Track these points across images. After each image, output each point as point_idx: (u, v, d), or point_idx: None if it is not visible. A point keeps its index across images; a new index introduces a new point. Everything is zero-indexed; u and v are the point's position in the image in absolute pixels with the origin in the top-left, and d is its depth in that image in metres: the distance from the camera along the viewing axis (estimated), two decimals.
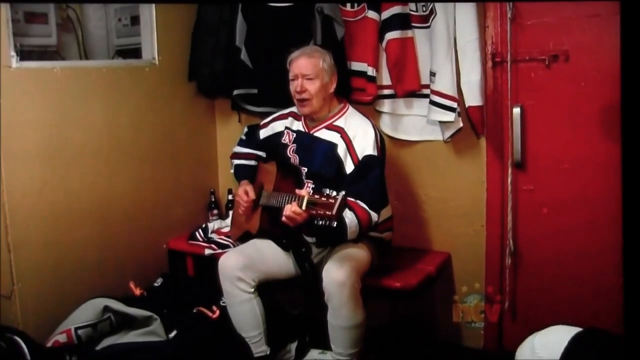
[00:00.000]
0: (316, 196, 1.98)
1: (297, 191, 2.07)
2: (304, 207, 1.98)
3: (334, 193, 1.95)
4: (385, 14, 2.67)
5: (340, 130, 2.38)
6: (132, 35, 3.09)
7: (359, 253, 2.37)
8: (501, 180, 2.63)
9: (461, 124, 2.59)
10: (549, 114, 2.52)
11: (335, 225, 1.97)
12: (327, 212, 1.94)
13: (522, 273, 2.67)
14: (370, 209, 2.23)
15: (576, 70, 2.42)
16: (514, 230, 2.61)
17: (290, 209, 2.05)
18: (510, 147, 2.56)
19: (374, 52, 2.70)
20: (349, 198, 2.10)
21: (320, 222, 1.98)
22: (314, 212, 1.97)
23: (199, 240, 3.02)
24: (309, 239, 2.47)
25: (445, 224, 2.78)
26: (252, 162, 2.69)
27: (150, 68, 2.95)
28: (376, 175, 2.29)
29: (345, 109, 2.45)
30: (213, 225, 3.13)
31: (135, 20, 3.05)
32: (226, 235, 2.98)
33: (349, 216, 2.15)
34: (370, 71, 2.70)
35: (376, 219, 2.26)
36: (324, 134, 2.42)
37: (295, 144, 2.50)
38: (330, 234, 2.11)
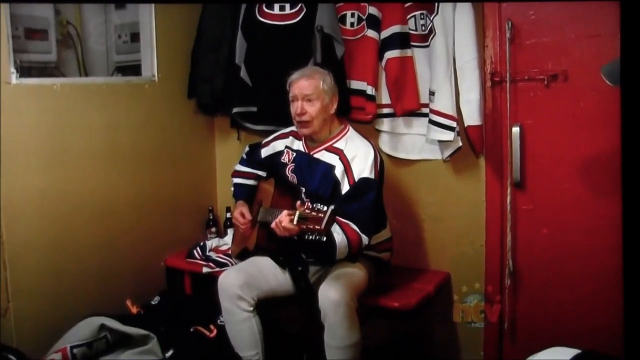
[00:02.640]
0: (307, 211, 1.98)
1: (297, 204, 2.07)
2: (295, 222, 1.99)
3: (324, 207, 1.95)
4: (385, 33, 2.68)
5: (339, 152, 2.37)
6: (132, 52, 3.08)
7: (356, 272, 2.35)
8: (501, 200, 2.63)
9: (460, 143, 2.59)
10: (548, 134, 2.52)
11: (324, 239, 1.98)
12: (317, 227, 1.94)
13: (521, 293, 2.65)
14: (361, 231, 2.22)
15: (575, 89, 2.43)
16: (513, 250, 2.60)
17: (280, 223, 2.06)
18: (509, 167, 2.56)
19: (373, 70, 2.71)
20: (340, 219, 2.11)
21: (310, 237, 1.99)
22: (304, 226, 1.97)
23: (196, 258, 3.00)
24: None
25: (444, 244, 2.77)
26: (251, 182, 2.69)
27: (149, 85, 2.95)
28: (370, 199, 2.27)
29: (346, 130, 2.44)
30: (211, 243, 3.12)
31: (135, 36, 3.05)
32: (224, 253, 2.97)
33: (338, 236, 2.15)
34: (370, 90, 2.71)
35: (367, 242, 2.25)
36: (323, 155, 2.42)
37: (294, 164, 2.50)
38: (319, 250, 2.11)
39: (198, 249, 3.06)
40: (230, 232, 3.02)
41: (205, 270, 2.87)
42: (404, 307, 2.47)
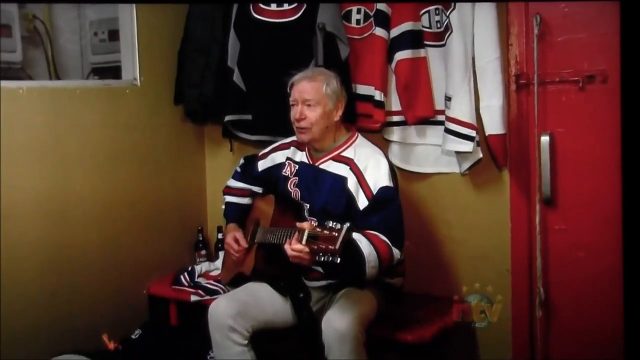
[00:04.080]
0: (318, 229, 1.89)
1: (299, 224, 1.98)
2: (304, 242, 1.90)
3: (338, 225, 1.86)
4: (395, 31, 2.59)
5: (349, 162, 2.29)
6: (111, 52, 3.00)
7: (364, 300, 2.26)
8: (528, 219, 2.52)
9: (481, 155, 2.50)
10: (583, 143, 2.42)
11: (338, 261, 1.87)
12: (330, 247, 1.85)
13: (555, 326, 2.53)
14: (392, 243, 2.12)
15: (616, 92, 2.24)
16: (544, 277, 2.48)
17: (291, 248, 1.97)
18: (537, 181, 2.45)
19: (382, 74, 2.63)
20: (366, 230, 2.07)
21: (322, 258, 1.88)
22: (315, 246, 1.88)
23: (184, 285, 2.89)
24: (311, 283, 2.37)
25: (464, 268, 2.66)
26: (246, 200, 2.61)
27: (131, 90, 2.85)
28: (396, 208, 2.21)
29: (354, 138, 2.36)
30: (200, 267, 3.01)
31: (113, 34, 2.95)
32: (215, 279, 2.87)
33: (365, 248, 2.05)
34: (378, 95, 2.63)
35: (399, 257, 2.16)
36: (330, 165, 2.33)
37: (297, 177, 2.41)
38: (345, 269, 2.00)
39: (185, 274, 2.95)
40: (222, 255, 2.87)
41: (193, 298, 2.76)
42: (418, 341, 2.38)
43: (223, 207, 2.64)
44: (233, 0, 2.79)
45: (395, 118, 2.68)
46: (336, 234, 1.85)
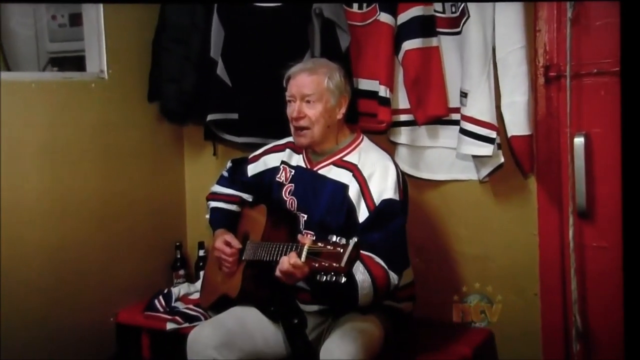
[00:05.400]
0: (320, 244, 1.80)
1: (300, 237, 1.94)
2: (303, 259, 1.82)
3: (343, 240, 1.78)
4: (403, 17, 2.47)
5: (352, 168, 2.20)
6: (72, 39, 2.85)
7: (368, 328, 2.14)
8: (559, 234, 2.40)
9: (502, 160, 2.39)
10: (624, 145, 2.17)
11: (343, 281, 1.79)
12: (334, 264, 1.76)
13: None
14: (389, 267, 2.05)
15: None
16: (581, 303, 2.32)
17: (289, 261, 1.88)
18: (570, 190, 2.31)
19: (387, 66, 2.51)
20: (362, 252, 1.95)
21: (325, 278, 1.79)
22: (317, 264, 1.78)
23: (159, 311, 2.74)
24: (307, 307, 2.24)
25: (485, 291, 2.49)
26: (234, 207, 2.49)
27: (97, 84, 2.70)
28: (398, 226, 2.12)
29: (359, 140, 2.27)
30: (178, 290, 2.87)
31: (75, 19, 2.81)
32: (196, 303, 2.72)
33: (360, 273, 1.98)
34: (383, 91, 2.51)
35: (396, 282, 2.09)
36: (331, 171, 2.24)
37: (293, 184, 2.32)
38: (335, 293, 1.99)
39: (161, 298, 2.80)
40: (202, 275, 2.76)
41: (169, 326, 2.61)
42: None
43: (207, 216, 2.53)
44: None
45: (403, 117, 2.58)
46: (341, 250, 1.77)
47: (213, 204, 2.51)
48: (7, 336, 2.42)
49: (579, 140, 2.28)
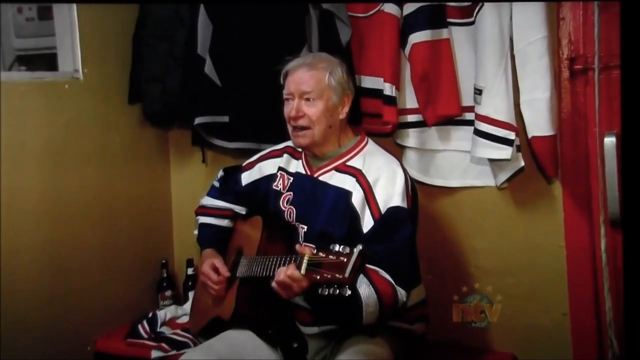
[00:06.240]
0: (321, 254, 1.75)
1: (298, 247, 1.86)
2: (303, 271, 1.76)
3: (347, 249, 1.73)
4: (409, 7, 2.40)
5: (356, 173, 2.12)
6: (42, 35, 2.77)
7: (376, 351, 2.06)
8: (590, 246, 2.29)
9: (522, 163, 2.31)
10: None
11: (348, 294, 1.73)
12: (337, 275, 1.70)
13: None
14: (396, 282, 1.97)
15: None
16: (617, 324, 2.16)
17: (285, 272, 1.83)
18: (601, 196, 2.18)
19: (393, 61, 2.44)
20: (366, 265, 1.92)
21: (327, 291, 1.73)
22: (318, 276, 1.73)
23: (142, 338, 2.62)
24: (307, 330, 2.15)
25: (505, 311, 2.36)
26: (225, 223, 2.42)
27: (71, 85, 2.59)
28: (405, 236, 2.03)
29: (364, 143, 2.19)
30: (164, 313, 2.75)
31: (45, 12, 2.74)
32: (184, 327, 2.64)
33: (364, 287, 1.92)
34: (388, 89, 2.43)
35: (404, 300, 2.00)
36: (333, 177, 2.15)
37: (291, 192, 2.23)
38: (338, 309, 1.92)
39: (145, 322, 2.68)
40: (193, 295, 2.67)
41: (154, 354, 2.49)
42: None
43: (196, 232, 2.43)
44: None
45: (411, 118, 2.50)
46: (345, 260, 1.70)
47: (202, 219, 2.45)
48: None
49: (609, 140, 2.13)
